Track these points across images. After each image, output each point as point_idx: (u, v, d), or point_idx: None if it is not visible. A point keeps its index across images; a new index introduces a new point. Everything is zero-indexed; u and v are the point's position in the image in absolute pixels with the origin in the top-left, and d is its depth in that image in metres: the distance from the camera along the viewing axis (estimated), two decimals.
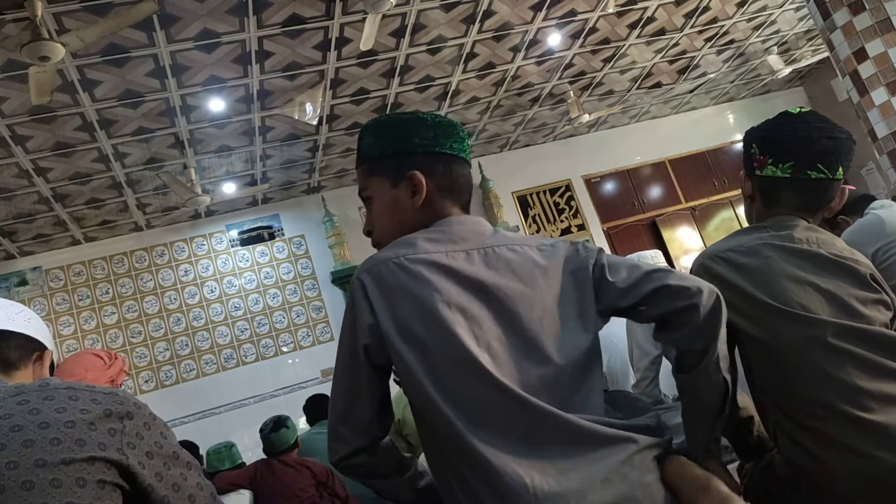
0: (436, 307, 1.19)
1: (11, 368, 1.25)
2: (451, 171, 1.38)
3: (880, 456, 1.37)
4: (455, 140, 1.39)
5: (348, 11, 5.12)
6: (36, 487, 0.98)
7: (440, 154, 1.37)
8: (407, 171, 1.35)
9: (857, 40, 4.82)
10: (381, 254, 1.28)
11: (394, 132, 1.38)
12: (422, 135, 1.37)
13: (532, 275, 1.28)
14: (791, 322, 1.47)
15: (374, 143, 1.39)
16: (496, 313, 1.22)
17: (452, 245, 1.28)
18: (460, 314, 1.19)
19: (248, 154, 6.90)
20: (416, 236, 1.30)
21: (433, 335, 1.18)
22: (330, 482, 3.94)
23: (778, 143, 1.64)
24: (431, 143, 1.37)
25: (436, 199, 1.36)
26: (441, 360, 1.17)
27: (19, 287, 7.38)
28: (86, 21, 4.30)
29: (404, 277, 1.22)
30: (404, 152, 1.36)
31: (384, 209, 1.39)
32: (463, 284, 1.23)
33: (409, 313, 1.20)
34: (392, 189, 1.37)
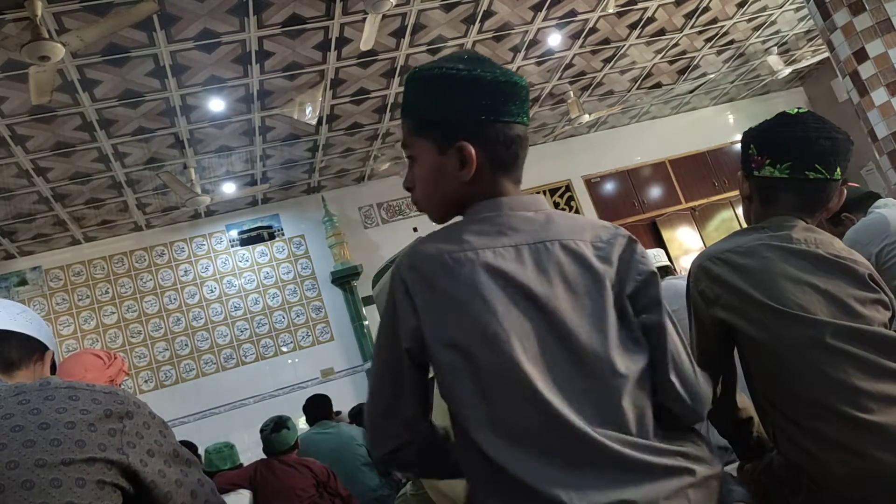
0: (482, 316, 1.09)
1: (13, 368, 1.25)
2: (506, 141, 1.20)
3: (880, 456, 1.37)
4: (514, 102, 1.20)
5: (348, 11, 5.12)
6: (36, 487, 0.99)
7: (495, 122, 1.19)
8: (456, 141, 1.19)
9: (857, 41, 4.81)
10: (424, 248, 1.16)
11: (445, 92, 1.19)
12: (477, 98, 1.18)
13: (586, 284, 1.16)
14: (790, 322, 1.47)
15: (421, 101, 1.23)
16: (545, 324, 1.12)
17: (501, 238, 1.15)
18: (508, 324, 1.09)
19: (247, 154, 6.90)
20: (462, 228, 1.18)
21: (477, 346, 1.09)
22: (330, 482, 3.94)
23: (776, 143, 1.64)
24: (487, 109, 1.18)
25: (486, 174, 1.20)
26: (484, 372, 1.09)
27: (19, 287, 7.38)
28: (86, 21, 4.30)
29: (448, 280, 1.11)
30: (454, 118, 1.19)
31: (427, 175, 1.25)
32: (511, 290, 1.12)
33: (452, 320, 1.10)
34: (438, 156, 1.21)
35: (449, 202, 1.25)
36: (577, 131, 9.10)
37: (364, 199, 8.57)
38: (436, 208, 1.28)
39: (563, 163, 9.12)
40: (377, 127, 7.17)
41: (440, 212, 1.28)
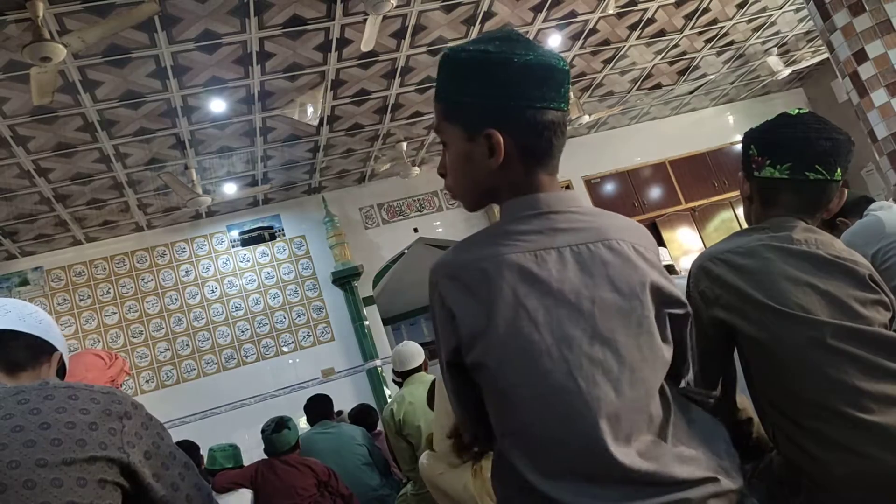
0: (523, 328, 1.05)
1: (17, 369, 1.25)
2: (539, 129, 1.14)
3: (880, 457, 1.37)
4: (550, 87, 1.14)
5: (349, 13, 5.13)
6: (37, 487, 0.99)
7: (527, 107, 1.13)
8: (484, 128, 1.13)
9: (857, 41, 4.81)
10: (461, 255, 1.12)
11: (475, 75, 1.13)
12: (509, 83, 1.12)
13: (630, 284, 1.12)
14: (790, 323, 1.47)
15: (451, 84, 1.17)
16: (591, 330, 1.08)
17: (542, 240, 1.11)
18: (551, 336, 1.06)
19: (248, 155, 6.90)
20: (500, 231, 1.14)
21: (518, 358, 1.05)
22: (331, 481, 3.94)
23: (776, 144, 1.64)
24: (519, 95, 1.12)
25: (516, 163, 1.15)
26: (522, 387, 1.05)
27: (20, 287, 7.39)
28: (87, 22, 4.31)
29: (487, 289, 1.07)
30: (482, 103, 1.13)
31: (458, 162, 1.19)
32: (554, 298, 1.08)
33: (493, 332, 1.06)
34: (467, 142, 1.16)
35: (480, 191, 1.21)
36: (577, 132, 9.10)
37: (365, 199, 8.58)
38: (467, 196, 1.23)
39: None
40: (378, 128, 7.18)
41: (471, 200, 1.23)
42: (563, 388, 1.04)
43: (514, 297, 1.06)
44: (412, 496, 3.64)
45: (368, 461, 4.47)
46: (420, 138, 7.76)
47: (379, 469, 4.51)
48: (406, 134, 7.54)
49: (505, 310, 1.06)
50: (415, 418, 3.56)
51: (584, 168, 9.20)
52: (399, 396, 3.74)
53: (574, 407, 1.04)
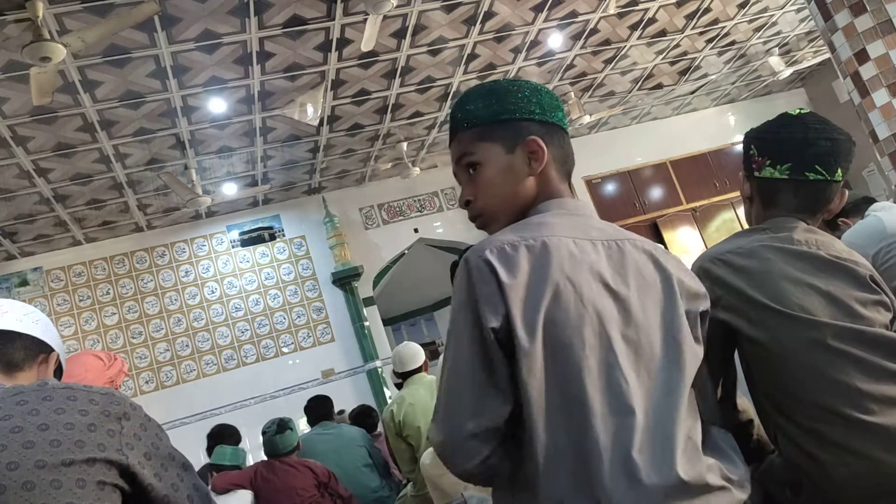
0: (572, 305, 1.08)
1: (15, 370, 1.25)
2: (564, 143, 1.30)
3: (881, 458, 1.36)
4: (561, 111, 1.31)
5: (349, 12, 5.12)
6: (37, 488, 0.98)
7: (553, 123, 1.28)
8: (525, 136, 1.24)
9: (858, 41, 4.81)
10: (501, 237, 1.14)
11: (508, 96, 1.27)
12: (537, 101, 1.27)
13: (658, 281, 1.17)
14: (791, 324, 1.47)
15: (486, 107, 1.27)
16: (622, 317, 1.12)
17: (577, 231, 1.17)
18: (589, 312, 1.09)
19: (248, 155, 6.90)
20: (536, 219, 1.19)
21: (569, 334, 1.07)
22: (331, 483, 3.94)
23: (776, 144, 1.63)
24: (546, 112, 1.27)
25: (551, 171, 1.26)
26: (567, 366, 1.07)
27: (20, 288, 7.39)
28: (87, 22, 4.31)
29: (533, 262, 1.10)
30: (522, 118, 1.25)
31: (496, 176, 1.25)
32: (591, 278, 1.12)
33: (546, 308, 1.08)
34: (507, 155, 1.25)
35: (518, 201, 1.25)
36: (578, 132, 9.10)
37: (365, 199, 8.58)
38: (504, 210, 1.26)
39: None
40: (378, 128, 7.17)
41: (508, 212, 1.26)
42: (604, 362, 1.07)
43: (560, 270, 1.10)
44: (412, 497, 3.64)
45: (368, 462, 4.47)
46: (420, 138, 7.76)
47: (379, 470, 4.50)
48: (406, 134, 7.54)
49: (551, 282, 1.09)
50: (415, 419, 3.56)
51: (584, 168, 9.20)
52: (399, 397, 3.73)
53: (614, 379, 1.07)
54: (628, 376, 1.08)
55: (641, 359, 1.11)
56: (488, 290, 1.09)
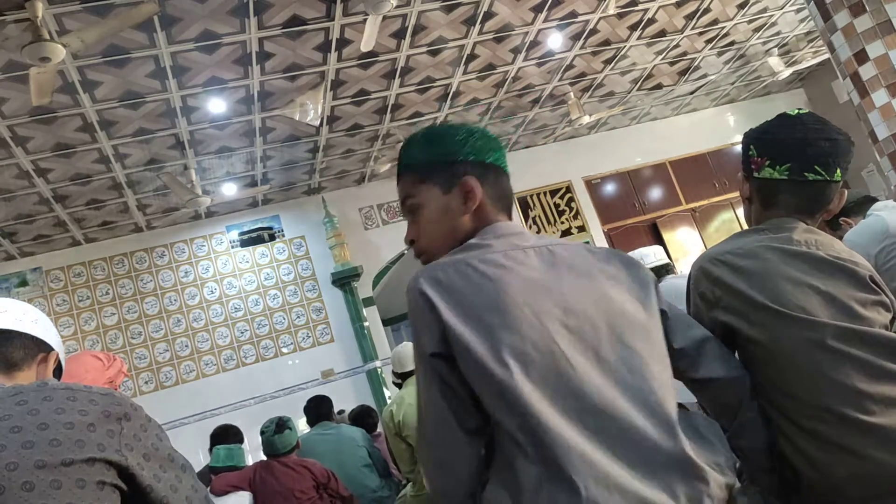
0: (508, 308, 1.15)
1: (14, 369, 1.25)
2: (499, 181, 1.37)
3: (880, 458, 1.37)
4: (498, 151, 1.39)
5: (349, 13, 5.12)
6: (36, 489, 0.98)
7: (488, 163, 1.35)
8: (460, 178, 1.32)
9: (857, 42, 4.81)
10: (437, 262, 1.23)
11: (444, 140, 1.36)
12: (471, 143, 1.35)
13: (590, 273, 1.25)
14: (791, 324, 1.47)
15: (423, 151, 1.37)
16: (563, 305, 1.19)
17: (508, 246, 1.25)
18: (533, 315, 1.16)
19: (248, 155, 6.90)
20: (469, 245, 1.27)
21: (509, 335, 1.13)
22: (330, 483, 3.93)
23: (775, 144, 1.63)
24: (480, 152, 1.35)
25: (486, 207, 1.33)
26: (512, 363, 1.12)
27: (19, 288, 7.38)
28: (86, 22, 4.31)
29: (466, 280, 1.17)
30: (456, 160, 1.33)
31: (434, 216, 1.35)
32: (529, 282, 1.19)
33: (482, 317, 1.14)
34: (443, 196, 1.33)
35: (456, 237, 1.32)
36: (577, 132, 9.10)
37: (364, 200, 8.58)
38: (443, 246, 1.33)
39: (563, 164, 9.12)
40: (378, 128, 7.17)
41: (447, 248, 1.32)
42: (548, 352, 1.13)
43: (497, 281, 1.18)
44: (412, 498, 3.64)
45: (368, 462, 4.46)
46: None
47: (378, 470, 4.50)
48: (406, 134, 7.53)
49: (492, 295, 1.16)
50: (414, 419, 3.55)
51: (584, 168, 9.21)
52: (398, 398, 3.73)
53: (560, 367, 1.12)
54: (574, 361, 1.13)
55: (587, 343, 1.16)
56: (427, 320, 1.16)
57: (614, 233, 9.04)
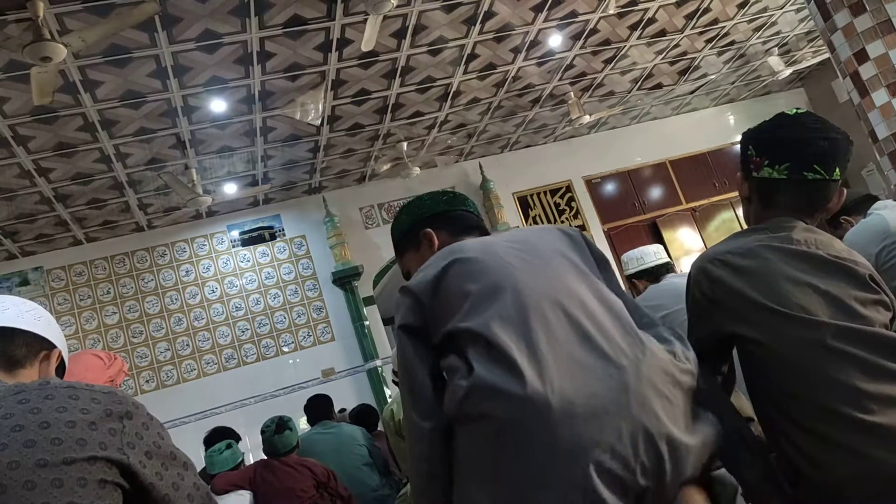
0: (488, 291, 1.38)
1: (16, 366, 1.24)
2: (453, 218, 1.72)
3: (881, 457, 1.37)
4: (446, 196, 1.77)
5: (349, 12, 5.12)
6: (38, 487, 0.98)
7: (438, 214, 1.71)
8: (420, 232, 1.69)
9: (857, 41, 4.81)
10: (423, 271, 1.48)
11: (404, 212, 1.76)
12: (418, 205, 1.75)
13: (553, 245, 1.51)
14: (791, 324, 1.47)
15: (395, 228, 1.78)
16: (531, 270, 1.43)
17: (483, 241, 1.54)
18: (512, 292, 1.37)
19: (249, 154, 6.91)
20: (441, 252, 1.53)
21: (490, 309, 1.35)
22: (330, 482, 3.93)
23: (774, 144, 1.63)
24: (429, 208, 1.73)
25: (447, 240, 1.63)
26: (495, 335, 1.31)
27: (21, 287, 7.39)
28: (87, 22, 4.31)
29: (449, 273, 1.43)
30: (415, 222, 1.72)
31: (415, 267, 1.59)
32: (506, 267, 1.42)
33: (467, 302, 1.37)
34: (417, 253, 1.69)
35: None
36: (577, 132, 9.10)
37: (365, 199, 8.58)
38: None
39: (563, 163, 9.12)
40: (378, 128, 7.18)
41: None
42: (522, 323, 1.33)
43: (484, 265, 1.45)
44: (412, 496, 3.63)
45: (368, 461, 4.47)
46: (420, 138, 7.76)
47: (379, 469, 4.50)
48: (406, 134, 7.54)
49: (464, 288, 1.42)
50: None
51: (584, 168, 9.20)
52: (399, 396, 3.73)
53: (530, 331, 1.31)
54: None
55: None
56: (412, 317, 1.42)
57: (614, 232, 9.04)
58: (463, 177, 8.85)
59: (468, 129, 7.94)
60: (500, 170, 8.82)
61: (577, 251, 1.51)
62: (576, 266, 1.46)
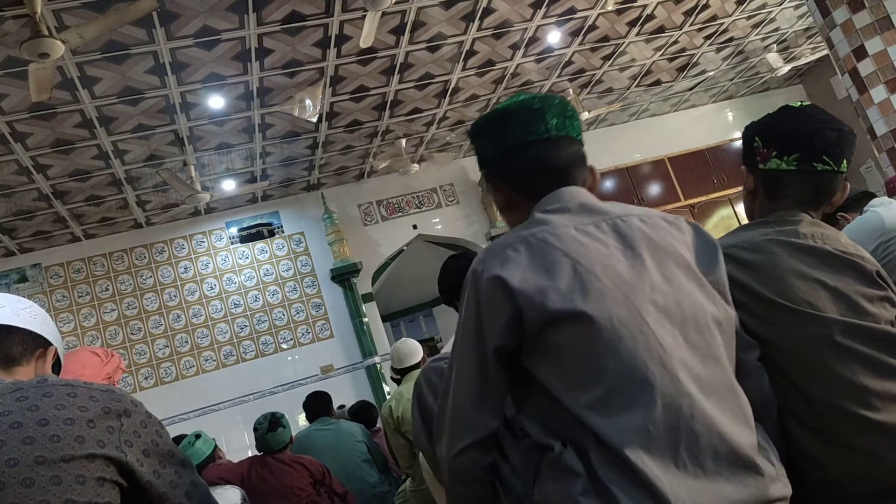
0: (590, 284, 1.14)
1: (13, 364, 1.24)
2: (526, 162, 1.35)
3: (885, 456, 1.36)
4: (503, 135, 1.37)
5: (348, 9, 5.12)
6: (36, 485, 0.98)
7: (506, 151, 1.36)
8: (493, 184, 1.40)
9: (856, 38, 4.81)
10: (501, 240, 1.23)
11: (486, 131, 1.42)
12: (485, 139, 1.40)
13: (675, 254, 1.24)
14: (798, 320, 1.45)
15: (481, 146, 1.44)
16: (650, 282, 1.18)
17: (581, 218, 1.25)
18: (619, 290, 1.15)
19: (247, 151, 6.90)
20: (533, 218, 1.27)
21: (596, 309, 1.12)
22: (326, 480, 3.92)
23: (782, 135, 1.60)
24: (498, 144, 1.37)
25: (517, 201, 1.37)
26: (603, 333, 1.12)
27: (19, 284, 7.38)
28: (85, 18, 4.30)
29: (538, 255, 1.18)
30: (486, 163, 1.41)
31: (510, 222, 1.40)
32: (608, 258, 1.19)
33: (564, 287, 1.14)
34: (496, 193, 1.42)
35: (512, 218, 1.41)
36: None
37: (364, 196, 8.57)
38: None
39: None
40: (377, 124, 7.17)
41: None
42: (636, 328, 1.12)
43: (566, 256, 1.17)
44: (411, 493, 3.64)
45: (367, 458, 4.47)
46: (419, 135, 7.75)
47: (378, 466, 4.51)
48: (405, 130, 7.53)
49: (565, 270, 1.16)
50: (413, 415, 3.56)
51: None
52: (397, 393, 3.73)
53: (649, 345, 1.11)
54: (664, 342, 1.12)
55: (674, 323, 1.15)
56: (496, 309, 1.16)
57: None
58: (462, 173, 8.86)
59: (467, 125, 7.93)
60: None
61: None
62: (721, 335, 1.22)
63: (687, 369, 1.12)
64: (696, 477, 1.06)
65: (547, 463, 1.14)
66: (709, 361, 1.16)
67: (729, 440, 1.10)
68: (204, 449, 3.94)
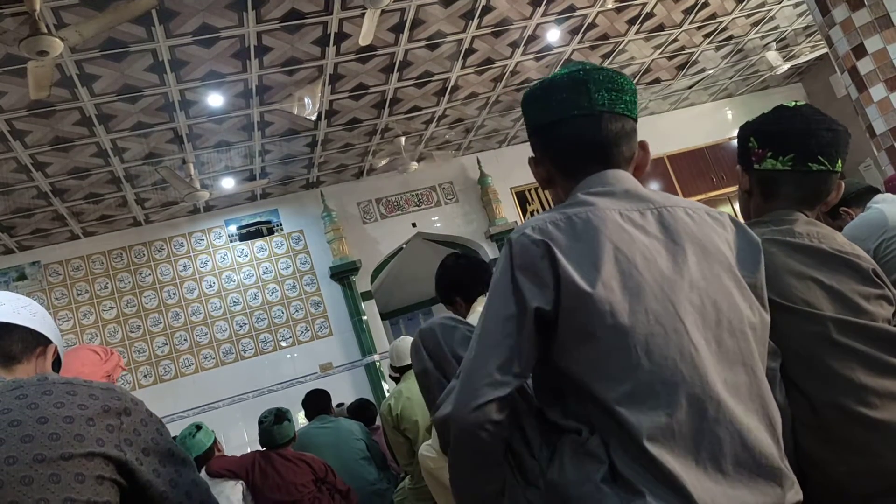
0: (633, 267, 1.12)
1: (13, 362, 1.24)
2: (567, 136, 1.30)
3: (883, 453, 1.36)
4: (545, 108, 1.32)
5: (347, 7, 5.11)
6: (35, 482, 0.98)
7: (548, 124, 1.31)
8: (536, 157, 1.36)
9: (855, 36, 4.81)
10: (542, 216, 1.20)
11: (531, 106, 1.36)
12: (529, 110, 1.35)
13: (718, 252, 1.21)
14: (795, 318, 1.46)
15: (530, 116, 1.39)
16: (689, 277, 1.15)
17: (625, 203, 1.22)
18: (657, 286, 1.12)
19: (246, 149, 6.89)
20: (576, 197, 1.23)
21: (631, 302, 1.10)
22: (328, 477, 3.93)
23: (777, 135, 1.61)
24: (541, 117, 1.33)
25: (557, 178, 1.33)
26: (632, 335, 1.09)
27: (18, 282, 7.38)
28: (84, 16, 4.30)
29: (582, 233, 1.14)
30: (530, 135, 1.37)
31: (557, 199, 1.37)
32: (643, 245, 1.16)
33: (604, 273, 1.11)
34: (537, 168, 1.38)
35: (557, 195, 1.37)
36: None
37: (363, 194, 8.57)
38: None
39: None
40: (376, 122, 7.16)
41: None
42: (670, 326, 1.10)
43: (608, 240, 1.14)
44: (410, 490, 3.65)
45: (366, 455, 4.48)
46: (418, 133, 7.75)
47: (377, 463, 4.51)
48: (404, 129, 7.53)
49: (605, 253, 1.13)
50: (412, 413, 3.56)
51: None
52: (396, 391, 3.73)
53: (682, 346, 1.09)
54: (697, 344, 1.10)
55: (708, 325, 1.13)
56: (532, 269, 1.13)
57: None
58: (461, 172, 8.85)
59: (466, 123, 7.93)
60: (499, 165, 8.81)
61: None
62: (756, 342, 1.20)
63: (717, 373, 1.10)
64: (717, 482, 1.05)
65: (569, 446, 1.13)
66: (740, 367, 1.14)
67: (752, 447, 1.08)
68: (205, 440, 3.95)
